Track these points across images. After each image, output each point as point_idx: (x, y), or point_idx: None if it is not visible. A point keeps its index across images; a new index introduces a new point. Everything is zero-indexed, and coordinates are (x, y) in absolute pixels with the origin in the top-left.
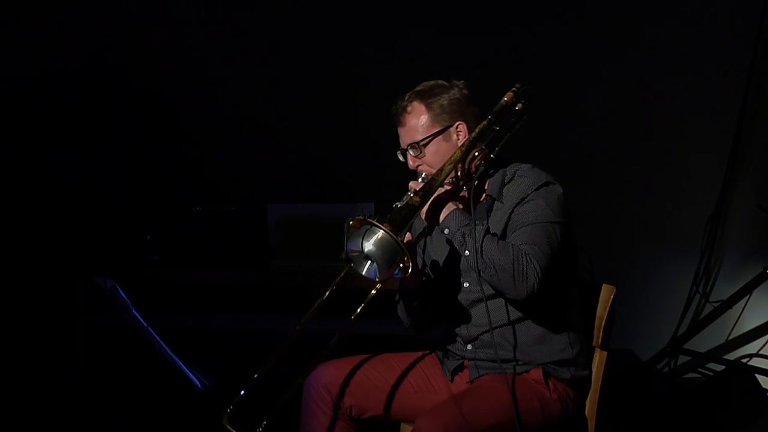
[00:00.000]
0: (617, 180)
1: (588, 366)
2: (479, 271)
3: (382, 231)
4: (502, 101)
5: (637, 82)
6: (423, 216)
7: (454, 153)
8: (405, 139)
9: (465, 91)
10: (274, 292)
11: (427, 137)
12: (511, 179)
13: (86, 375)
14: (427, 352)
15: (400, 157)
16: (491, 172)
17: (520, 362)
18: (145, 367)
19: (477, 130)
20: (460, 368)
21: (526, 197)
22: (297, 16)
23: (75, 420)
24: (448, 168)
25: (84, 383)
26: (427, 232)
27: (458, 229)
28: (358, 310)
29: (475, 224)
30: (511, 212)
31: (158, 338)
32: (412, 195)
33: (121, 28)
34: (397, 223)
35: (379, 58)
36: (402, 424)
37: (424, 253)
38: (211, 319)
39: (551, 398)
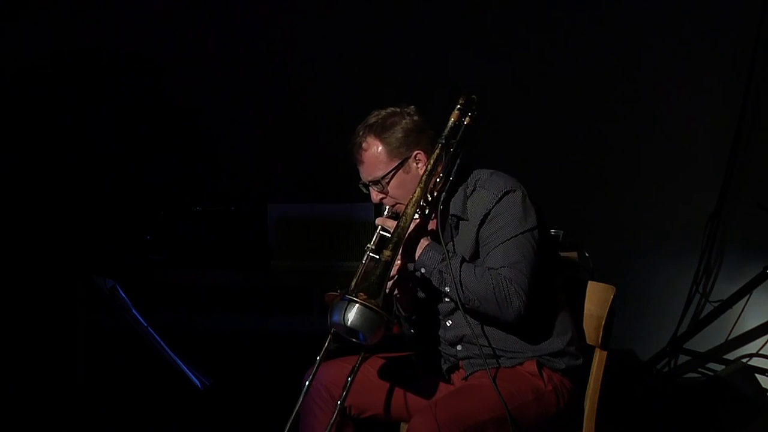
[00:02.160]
0: (617, 180)
1: (581, 355)
2: (462, 304)
3: (358, 304)
4: (450, 122)
5: (638, 82)
6: (399, 263)
7: (415, 193)
8: (365, 175)
9: (416, 118)
10: (274, 292)
11: (388, 173)
12: (472, 192)
13: (86, 375)
14: (426, 351)
15: (363, 190)
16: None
17: (506, 357)
18: (145, 367)
19: (432, 160)
20: (455, 367)
21: (489, 213)
22: (298, 16)
23: (75, 420)
24: (411, 211)
25: (84, 383)
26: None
27: (434, 268)
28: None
29: (450, 257)
30: (478, 229)
31: (158, 338)
32: (381, 242)
33: (123, 25)
34: (374, 289)
35: (380, 58)
36: (402, 423)
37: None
38: (211, 319)
39: (546, 389)
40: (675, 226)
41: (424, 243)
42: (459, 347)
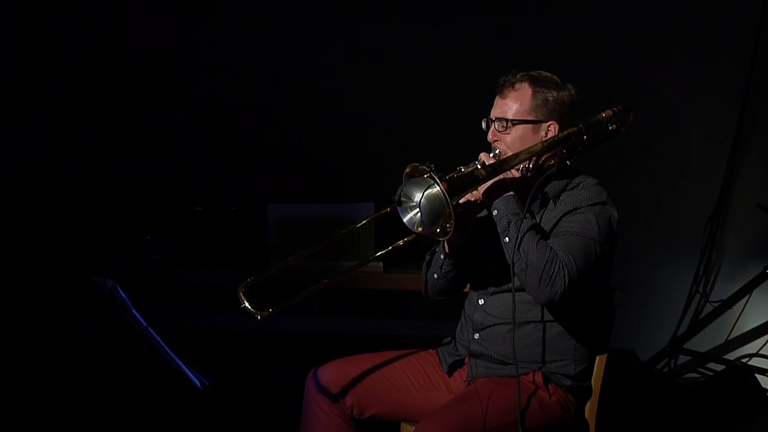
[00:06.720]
0: (616, 180)
1: (588, 379)
2: (513, 262)
3: (438, 188)
4: (599, 116)
5: (637, 81)
6: (481, 191)
7: (535, 145)
8: (498, 110)
9: (573, 96)
10: (273, 292)
11: (519, 120)
12: (572, 188)
13: (86, 375)
14: (427, 349)
15: (483, 125)
16: (558, 175)
17: (520, 365)
18: (145, 367)
19: (565, 132)
20: (459, 364)
21: (579, 208)
22: (296, 16)
23: (75, 420)
24: (523, 156)
25: (84, 383)
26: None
27: (506, 215)
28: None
29: (525, 216)
30: (560, 218)
31: (158, 338)
32: (479, 167)
33: (120, 25)
34: (456, 187)
35: (379, 59)
36: (402, 423)
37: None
38: (211, 319)
39: (551, 401)
40: (675, 226)
41: (510, 193)
42: (476, 335)
